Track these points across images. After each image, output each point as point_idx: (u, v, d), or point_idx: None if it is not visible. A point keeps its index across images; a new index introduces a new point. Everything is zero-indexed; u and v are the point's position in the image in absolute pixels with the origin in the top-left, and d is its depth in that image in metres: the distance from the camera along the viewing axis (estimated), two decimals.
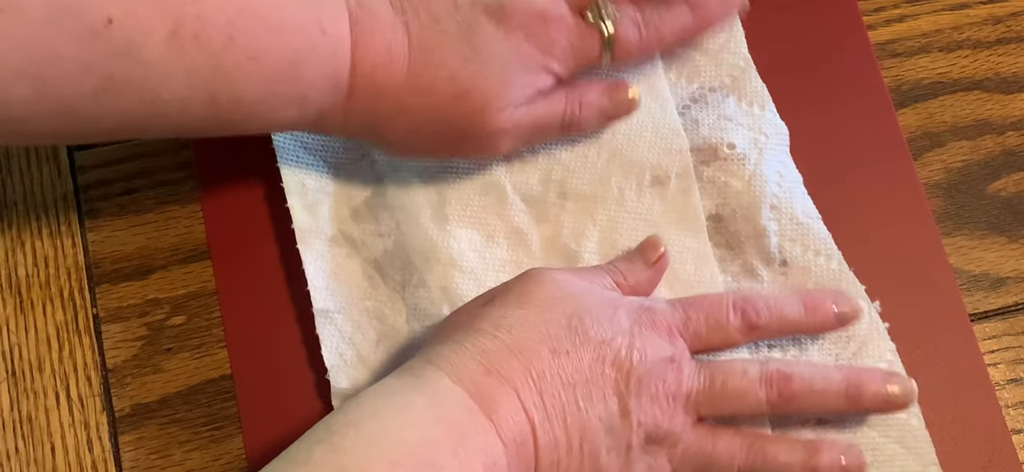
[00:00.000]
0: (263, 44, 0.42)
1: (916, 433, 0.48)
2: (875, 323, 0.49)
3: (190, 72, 0.41)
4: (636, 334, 0.45)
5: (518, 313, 0.44)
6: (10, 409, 0.50)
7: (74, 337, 0.51)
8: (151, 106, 0.41)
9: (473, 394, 0.41)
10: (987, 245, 0.54)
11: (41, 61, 0.38)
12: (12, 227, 0.53)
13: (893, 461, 0.48)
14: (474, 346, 0.42)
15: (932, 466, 0.48)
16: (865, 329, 0.49)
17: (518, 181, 0.51)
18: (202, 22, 0.40)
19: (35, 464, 0.49)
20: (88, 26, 0.38)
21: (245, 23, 0.41)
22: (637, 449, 0.44)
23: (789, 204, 0.51)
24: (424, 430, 0.39)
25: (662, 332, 0.46)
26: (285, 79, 0.43)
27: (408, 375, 0.42)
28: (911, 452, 0.48)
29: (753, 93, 0.53)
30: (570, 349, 0.43)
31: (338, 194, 0.51)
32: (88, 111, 0.40)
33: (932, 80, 0.56)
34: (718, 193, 0.51)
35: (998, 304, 0.53)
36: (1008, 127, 0.56)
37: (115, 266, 0.52)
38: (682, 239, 0.50)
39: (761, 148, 0.51)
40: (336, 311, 0.50)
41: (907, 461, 0.48)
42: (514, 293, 0.45)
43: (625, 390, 0.43)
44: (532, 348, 0.42)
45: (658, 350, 0.45)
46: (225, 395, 0.51)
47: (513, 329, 0.43)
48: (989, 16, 0.57)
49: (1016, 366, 0.52)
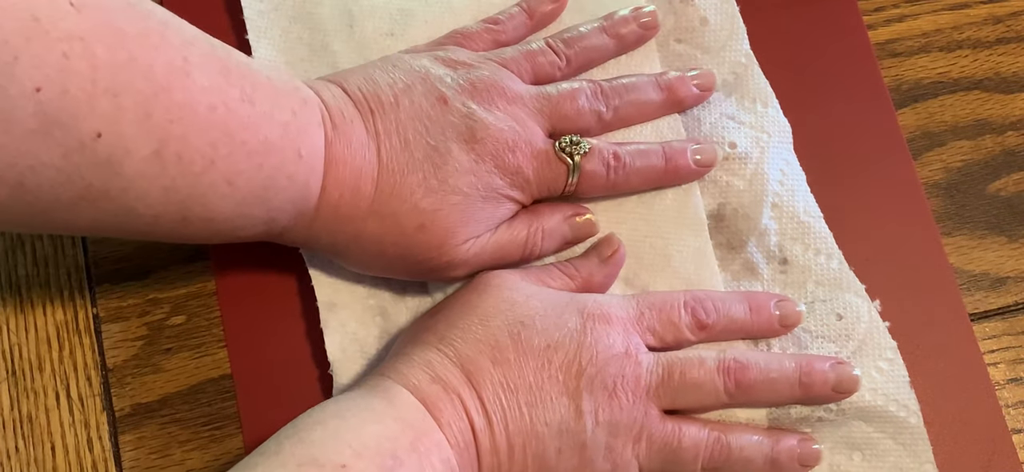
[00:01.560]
0: (240, 168, 0.42)
1: (914, 431, 0.48)
2: (875, 322, 0.49)
3: (168, 190, 0.41)
4: (587, 332, 0.45)
5: (461, 324, 0.45)
6: (10, 409, 0.50)
7: (74, 337, 0.51)
8: (124, 217, 0.41)
9: (421, 400, 0.43)
10: (987, 245, 0.54)
11: (23, 168, 0.37)
12: None
13: (886, 456, 0.48)
14: (421, 358, 0.44)
15: (928, 464, 0.48)
16: (865, 328, 0.49)
17: None
18: (185, 143, 0.40)
19: (35, 464, 0.49)
20: (77, 139, 0.38)
21: (226, 147, 0.41)
22: (596, 447, 0.44)
23: (791, 203, 0.51)
24: (383, 427, 0.41)
25: (615, 327, 0.46)
26: (256, 203, 0.43)
27: (365, 386, 0.44)
28: (906, 449, 0.48)
29: (756, 91, 0.53)
30: (512, 357, 0.44)
31: None
32: (63, 216, 0.40)
33: (932, 80, 0.56)
34: (720, 192, 0.51)
35: (998, 304, 0.53)
36: (1008, 127, 0.56)
37: (115, 266, 0.52)
38: (683, 237, 0.50)
39: (763, 146, 0.51)
40: (341, 306, 0.50)
41: (901, 457, 0.48)
42: (459, 303, 0.46)
43: (576, 390, 0.44)
44: (473, 358, 0.44)
45: (610, 346, 0.45)
46: (225, 395, 0.51)
47: (456, 341, 0.45)
48: (989, 16, 0.57)
49: (1016, 366, 0.52)
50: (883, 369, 0.49)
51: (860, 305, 0.49)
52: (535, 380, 0.44)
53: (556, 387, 0.44)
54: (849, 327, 0.49)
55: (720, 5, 0.54)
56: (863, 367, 0.49)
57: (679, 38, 0.54)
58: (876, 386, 0.48)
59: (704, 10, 0.53)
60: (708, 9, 0.53)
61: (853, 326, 0.49)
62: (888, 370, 0.49)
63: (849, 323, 0.49)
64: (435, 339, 0.45)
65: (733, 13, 0.54)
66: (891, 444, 0.48)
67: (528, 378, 0.44)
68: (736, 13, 0.54)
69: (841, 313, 0.49)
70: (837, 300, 0.50)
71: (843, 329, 0.49)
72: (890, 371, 0.49)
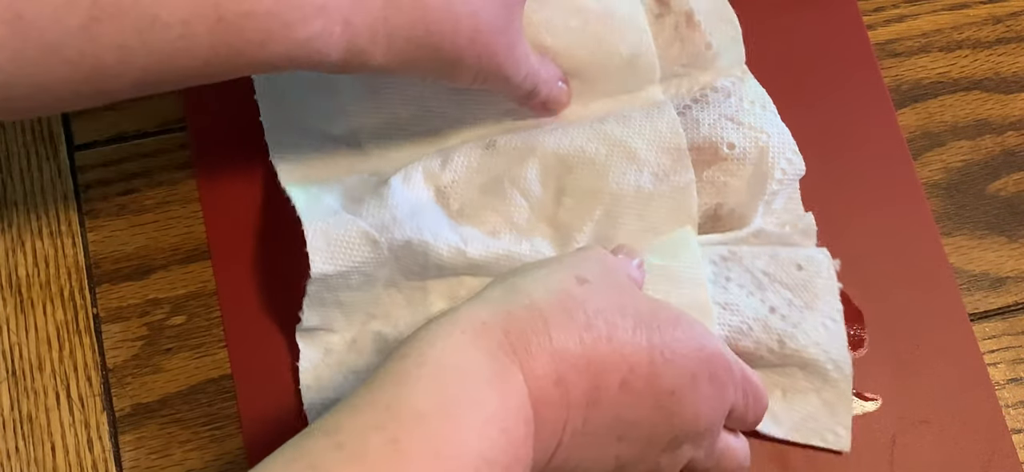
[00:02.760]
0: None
1: (839, 391, 0.49)
2: (831, 280, 0.50)
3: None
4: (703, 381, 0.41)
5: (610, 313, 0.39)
6: (10, 409, 0.50)
7: (74, 337, 0.51)
8: (150, 33, 0.36)
9: (535, 405, 0.37)
10: (987, 245, 0.54)
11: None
12: (12, 227, 0.53)
13: (806, 405, 0.49)
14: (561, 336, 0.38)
15: (841, 428, 0.49)
16: (822, 283, 0.50)
17: (517, 175, 0.51)
18: None
19: (35, 464, 0.49)
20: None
21: None
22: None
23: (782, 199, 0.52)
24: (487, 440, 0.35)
25: (723, 394, 0.42)
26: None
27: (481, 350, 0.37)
28: (826, 406, 0.49)
29: (755, 93, 0.53)
30: (642, 387, 0.39)
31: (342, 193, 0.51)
32: (79, 50, 0.35)
33: (932, 80, 0.56)
34: (717, 193, 0.51)
35: (998, 304, 0.53)
36: (1008, 127, 0.56)
37: (115, 266, 0.52)
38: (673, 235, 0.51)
39: (762, 147, 0.51)
40: (334, 275, 0.48)
41: (819, 410, 0.49)
42: (605, 283, 0.41)
43: (666, 451, 0.41)
44: (604, 370, 0.39)
45: (711, 422, 0.42)
46: (225, 395, 0.51)
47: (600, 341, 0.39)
48: (989, 16, 0.57)
49: (1016, 366, 0.52)
50: (828, 326, 0.49)
51: (821, 260, 0.50)
52: (641, 421, 0.40)
53: (647, 446, 0.40)
54: (808, 278, 0.50)
55: (724, 29, 0.53)
56: (813, 322, 0.49)
57: (684, 63, 0.54)
58: (819, 341, 0.49)
59: (709, 35, 0.53)
60: (713, 34, 0.53)
61: (812, 278, 0.50)
62: (832, 327, 0.49)
63: (809, 274, 0.50)
64: (582, 319, 0.38)
65: (735, 36, 0.54)
66: (814, 397, 0.49)
67: (637, 415, 0.39)
68: (738, 35, 0.54)
69: (802, 264, 0.50)
70: (799, 253, 0.51)
71: (802, 279, 0.50)
72: (834, 329, 0.49)
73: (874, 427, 0.50)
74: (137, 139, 0.54)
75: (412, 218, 0.49)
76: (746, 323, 0.49)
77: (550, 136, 0.51)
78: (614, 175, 0.51)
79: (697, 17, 0.53)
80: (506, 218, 0.51)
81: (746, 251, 0.51)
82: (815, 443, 0.50)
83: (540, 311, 0.38)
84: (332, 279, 0.48)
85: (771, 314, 0.49)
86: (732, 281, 0.50)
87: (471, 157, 0.51)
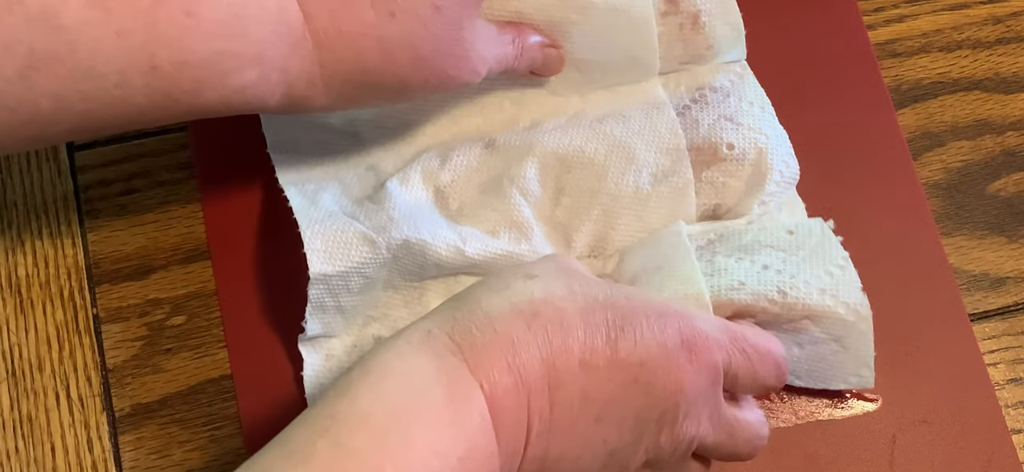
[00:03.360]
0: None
1: (860, 334, 0.48)
2: (827, 235, 0.49)
3: (121, 35, 0.37)
4: (685, 367, 0.40)
5: (559, 296, 0.40)
6: (10, 409, 0.50)
7: (74, 337, 0.51)
8: (86, 82, 0.37)
9: (490, 403, 0.37)
10: (987, 245, 0.54)
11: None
12: (12, 227, 0.53)
13: (826, 356, 0.49)
14: (505, 331, 0.38)
15: (864, 368, 0.48)
16: (816, 241, 0.49)
17: (516, 175, 0.51)
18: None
19: (35, 464, 0.49)
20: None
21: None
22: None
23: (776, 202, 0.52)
24: (438, 439, 0.36)
25: (706, 367, 0.41)
26: (229, 35, 0.39)
27: (429, 354, 0.37)
28: (848, 351, 0.48)
29: (753, 95, 0.53)
30: (603, 364, 0.39)
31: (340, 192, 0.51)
32: (17, 98, 0.36)
33: (932, 80, 0.56)
34: (716, 193, 0.51)
35: (998, 304, 0.53)
36: (1008, 127, 0.56)
37: (115, 266, 0.52)
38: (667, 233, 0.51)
39: (761, 148, 0.51)
40: (333, 274, 0.48)
41: (840, 356, 0.48)
42: (553, 275, 0.41)
43: (654, 436, 0.41)
44: (562, 355, 0.39)
45: (700, 390, 0.41)
46: (225, 395, 0.51)
47: (549, 325, 0.39)
48: (989, 16, 0.57)
49: (1016, 366, 0.52)
50: (833, 273, 0.48)
51: (812, 224, 0.49)
52: (616, 398, 0.39)
53: (635, 427, 0.40)
54: (799, 240, 0.49)
55: (727, 32, 0.53)
56: (813, 271, 0.48)
57: (684, 61, 0.53)
58: (825, 287, 0.47)
59: (711, 38, 0.53)
60: (716, 37, 0.53)
61: (804, 239, 0.49)
62: (839, 274, 0.48)
63: (800, 237, 0.49)
64: (528, 308, 0.39)
65: (738, 38, 0.53)
66: (833, 345, 0.48)
67: (610, 391, 0.39)
68: (741, 36, 0.53)
69: (792, 230, 0.49)
70: (788, 220, 0.50)
71: (793, 242, 0.49)
72: (841, 275, 0.48)
73: (874, 427, 0.50)
74: (137, 139, 0.54)
75: (410, 218, 0.49)
76: (737, 280, 0.47)
77: (549, 136, 0.51)
78: (613, 175, 0.51)
79: (703, 18, 0.53)
80: (505, 217, 0.51)
81: (732, 228, 0.50)
82: (839, 387, 0.49)
83: (484, 311, 0.39)
84: (333, 281, 0.48)
85: (764, 271, 0.48)
86: (719, 254, 0.49)
87: (470, 156, 0.51)
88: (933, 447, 0.49)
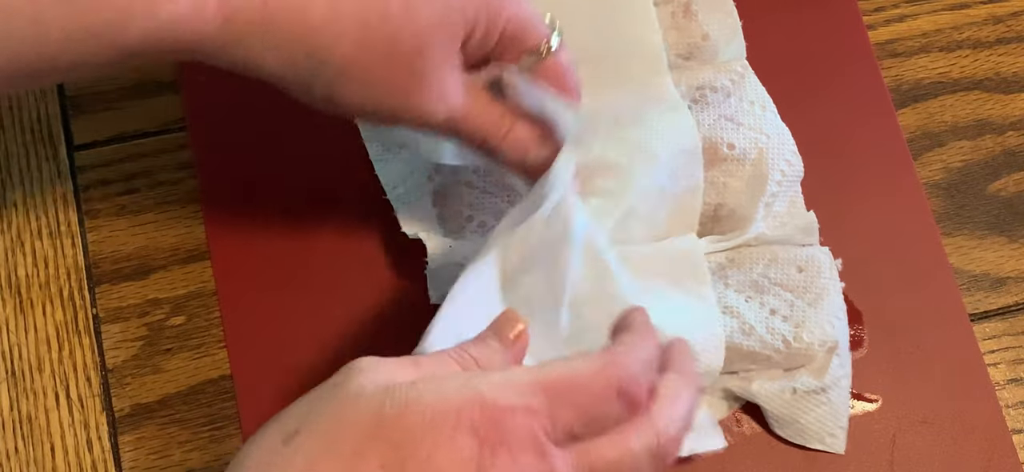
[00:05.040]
0: None
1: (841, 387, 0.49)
2: (833, 279, 0.49)
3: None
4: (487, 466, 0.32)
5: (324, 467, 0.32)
6: (10, 409, 0.50)
7: (74, 337, 0.51)
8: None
9: None
10: (987, 245, 0.54)
11: None
12: (12, 227, 0.53)
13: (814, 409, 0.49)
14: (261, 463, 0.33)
15: (839, 430, 0.49)
16: (824, 282, 0.49)
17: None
18: None
19: (35, 464, 0.49)
20: None
21: None
22: None
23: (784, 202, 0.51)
24: None
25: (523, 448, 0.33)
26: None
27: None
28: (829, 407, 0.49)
29: (754, 95, 0.53)
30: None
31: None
32: None
33: (932, 80, 0.56)
34: (717, 193, 0.51)
35: (998, 304, 0.53)
36: (1008, 127, 0.56)
37: (115, 266, 0.52)
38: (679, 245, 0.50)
39: (762, 148, 0.51)
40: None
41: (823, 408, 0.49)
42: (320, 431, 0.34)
43: None
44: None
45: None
46: (225, 395, 0.51)
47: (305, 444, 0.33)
48: (989, 16, 0.57)
49: (1016, 366, 0.52)
50: (834, 325, 0.49)
51: (822, 260, 0.50)
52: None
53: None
54: (809, 280, 0.49)
55: (722, 21, 0.53)
56: (817, 320, 0.49)
57: (682, 54, 0.53)
58: (825, 339, 0.49)
59: (706, 26, 0.53)
60: (710, 25, 0.53)
61: (813, 279, 0.49)
62: (838, 326, 0.49)
63: (809, 276, 0.49)
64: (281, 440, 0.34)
65: (735, 27, 0.53)
66: (821, 397, 0.49)
67: None
68: (738, 28, 0.53)
69: (802, 266, 0.50)
70: (799, 254, 0.50)
71: (803, 281, 0.49)
72: (839, 327, 0.49)
73: (874, 427, 0.50)
74: (137, 139, 0.54)
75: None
76: (748, 323, 0.49)
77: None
78: (638, 177, 0.50)
79: (694, 6, 0.53)
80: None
81: (745, 256, 0.50)
82: (815, 446, 0.49)
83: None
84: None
85: (771, 317, 0.49)
86: (730, 287, 0.50)
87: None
88: (933, 447, 0.49)
